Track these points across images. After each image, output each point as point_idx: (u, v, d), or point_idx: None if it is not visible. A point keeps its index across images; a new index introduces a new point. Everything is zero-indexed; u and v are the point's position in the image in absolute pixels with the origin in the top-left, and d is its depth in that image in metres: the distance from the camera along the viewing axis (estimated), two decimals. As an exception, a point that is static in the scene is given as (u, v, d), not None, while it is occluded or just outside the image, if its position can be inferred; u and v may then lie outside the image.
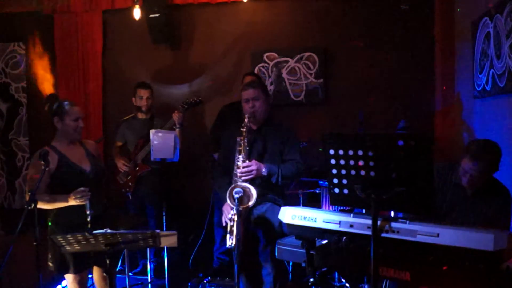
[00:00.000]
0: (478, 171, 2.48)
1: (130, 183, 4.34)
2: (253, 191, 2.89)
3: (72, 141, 3.00)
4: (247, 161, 3.03)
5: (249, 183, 2.94)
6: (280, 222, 3.04)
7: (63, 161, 2.89)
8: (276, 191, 3.19)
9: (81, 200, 2.75)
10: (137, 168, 4.34)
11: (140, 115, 4.49)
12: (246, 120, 3.09)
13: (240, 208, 2.87)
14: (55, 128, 2.98)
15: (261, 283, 3.22)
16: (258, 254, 3.19)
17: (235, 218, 2.95)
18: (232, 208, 3.05)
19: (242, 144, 3.05)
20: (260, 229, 3.14)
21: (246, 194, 2.90)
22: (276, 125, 3.29)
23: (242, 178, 2.99)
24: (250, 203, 2.89)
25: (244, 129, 3.06)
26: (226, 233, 3.03)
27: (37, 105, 5.36)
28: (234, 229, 2.97)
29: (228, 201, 2.92)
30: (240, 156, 3.03)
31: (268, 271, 3.16)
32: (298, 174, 3.20)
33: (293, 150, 3.18)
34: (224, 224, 3.13)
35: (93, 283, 3.38)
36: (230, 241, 2.97)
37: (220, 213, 3.40)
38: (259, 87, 3.25)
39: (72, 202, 2.77)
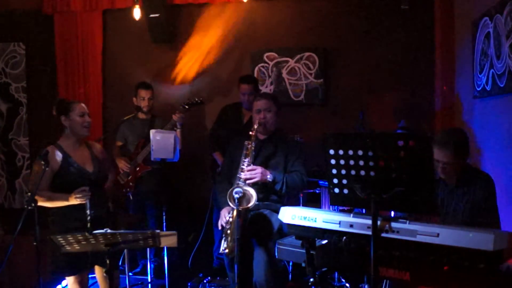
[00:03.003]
0: (447, 157, 2.52)
1: (130, 183, 4.34)
2: (253, 194, 2.89)
3: (81, 137, 3.01)
4: (252, 165, 3.04)
5: (251, 187, 2.94)
6: (278, 230, 3.07)
7: (66, 160, 2.90)
8: (278, 200, 3.19)
9: (81, 199, 2.75)
10: (138, 169, 4.34)
11: (141, 115, 4.49)
12: (255, 126, 3.13)
13: (240, 208, 2.87)
14: (62, 128, 2.99)
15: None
16: (253, 260, 3.16)
17: (232, 220, 2.95)
18: (229, 212, 3.05)
19: (249, 148, 3.06)
20: (256, 235, 3.13)
21: (246, 197, 2.90)
22: (283, 137, 3.33)
23: (246, 181, 2.98)
24: (250, 205, 2.89)
25: (253, 133, 3.08)
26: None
27: (37, 105, 5.36)
28: (229, 232, 2.97)
29: (229, 202, 2.92)
30: (246, 160, 3.05)
31: (260, 281, 3.09)
32: (302, 186, 3.22)
33: (298, 162, 3.21)
34: (220, 227, 3.13)
35: (94, 283, 3.39)
36: (225, 245, 2.96)
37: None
38: (272, 98, 3.32)
39: (72, 201, 2.77)
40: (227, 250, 2.96)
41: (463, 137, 2.61)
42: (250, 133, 3.11)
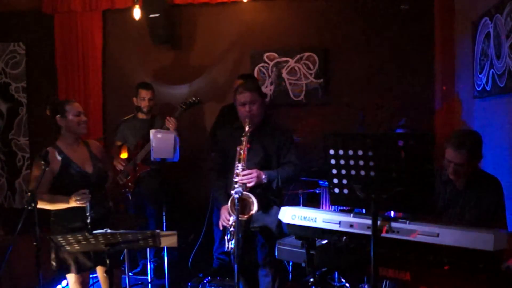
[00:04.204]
0: (461, 159, 2.49)
1: (129, 183, 4.34)
2: (254, 200, 2.87)
3: (78, 138, 3.00)
4: (247, 169, 3.00)
5: (250, 192, 2.92)
6: (277, 222, 3.05)
7: (66, 162, 2.89)
8: (273, 192, 3.18)
9: (81, 202, 2.75)
10: (137, 168, 4.34)
11: (141, 115, 4.49)
12: (246, 129, 3.01)
13: (245, 218, 2.86)
14: (59, 129, 2.98)
15: (258, 284, 3.20)
16: (255, 255, 3.17)
17: (234, 222, 2.94)
18: (229, 213, 3.03)
19: (243, 153, 3.00)
20: (256, 229, 3.12)
21: (247, 204, 2.88)
22: (271, 128, 3.23)
23: (243, 183, 2.95)
24: (252, 212, 2.88)
25: (244, 139, 2.99)
26: (224, 234, 3.02)
27: (37, 105, 5.36)
28: (234, 232, 2.96)
29: (230, 211, 2.91)
30: (240, 165, 2.98)
31: (266, 272, 3.13)
32: (295, 176, 3.19)
33: (289, 152, 3.15)
34: (221, 227, 3.12)
35: (93, 283, 3.39)
36: (229, 244, 2.96)
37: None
38: (255, 90, 3.16)
39: (72, 203, 2.77)
40: (233, 248, 2.95)
41: (479, 139, 2.56)
42: (242, 138, 3.00)
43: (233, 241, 2.94)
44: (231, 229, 2.97)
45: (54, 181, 2.87)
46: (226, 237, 3.00)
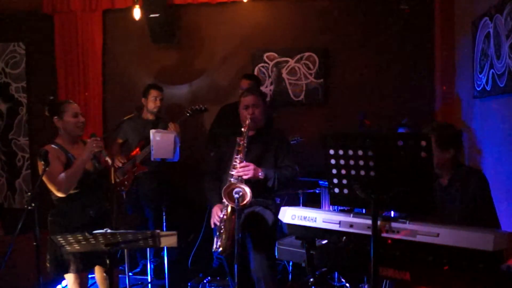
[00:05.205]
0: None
1: (126, 182, 4.34)
2: (248, 190, 2.87)
3: (76, 138, 3.01)
4: (245, 162, 3.03)
5: (244, 183, 2.93)
6: (271, 225, 3.06)
7: (69, 159, 2.90)
8: (268, 197, 3.19)
9: (97, 145, 2.86)
10: (135, 168, 4.34)
11: (146, 116, 4.49)
12: (248, 121, 3.10)
13: (240, 207, 2.85)
14: (57, 129, 2.98)
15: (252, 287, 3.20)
16: (248, 258, 3.15)
17: (226, 217, 2.94)
18: (221, 209, 3.03)
19: (242, 145, 3.04)
20: (249, 232, 3.12)
21: (241, 194, 2.88)
22: (271, 132, 3.31)
23: (239, 175, 2.96)
24: (246, 201, 2.87)
25: (245, 129, 3.06)
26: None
27: (37, 105, 5.36)
28: (223, 230, 2.96)
29: (226, 201, 2.90)
30: (238, 157, 3.02)
31: (258, 276, 3.09)
32: (293, 180, 3.22)
33: (288, 156, 3.20)
34: (213, 225, 3.12)
35: (93, 283, 3.39)
36: (218, 243, 2.95)
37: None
38: (259, 94, 3.29)
39: (87, 153, 2.85)
40: (221, 248, 2.95)
41: (450, 129, 2.59)
42: (242, 129, 3.08)
43: (220, 241, 2.94)
44: (221, 224, 2.98)
45: None
46: (214, 238, 3.00)
